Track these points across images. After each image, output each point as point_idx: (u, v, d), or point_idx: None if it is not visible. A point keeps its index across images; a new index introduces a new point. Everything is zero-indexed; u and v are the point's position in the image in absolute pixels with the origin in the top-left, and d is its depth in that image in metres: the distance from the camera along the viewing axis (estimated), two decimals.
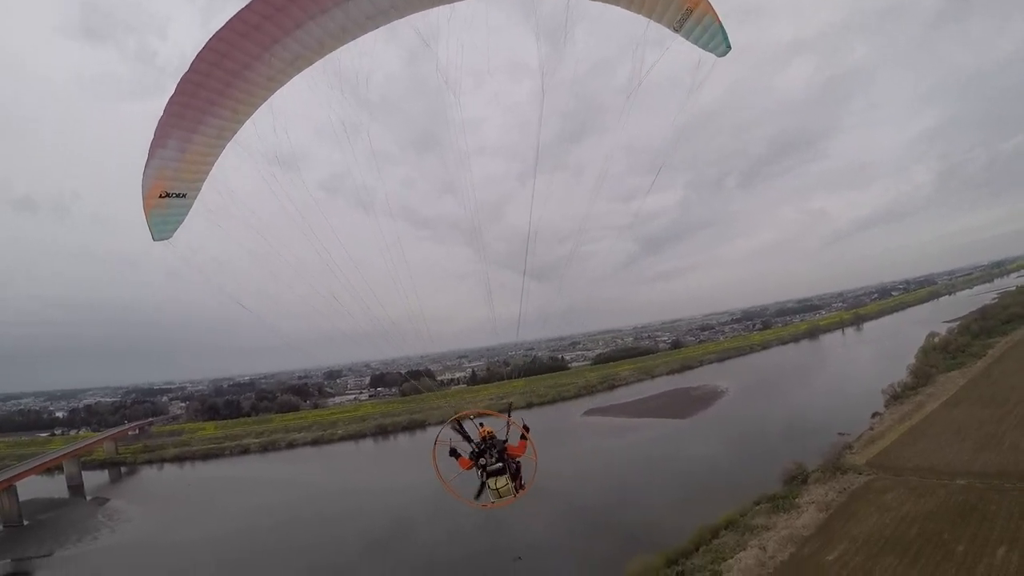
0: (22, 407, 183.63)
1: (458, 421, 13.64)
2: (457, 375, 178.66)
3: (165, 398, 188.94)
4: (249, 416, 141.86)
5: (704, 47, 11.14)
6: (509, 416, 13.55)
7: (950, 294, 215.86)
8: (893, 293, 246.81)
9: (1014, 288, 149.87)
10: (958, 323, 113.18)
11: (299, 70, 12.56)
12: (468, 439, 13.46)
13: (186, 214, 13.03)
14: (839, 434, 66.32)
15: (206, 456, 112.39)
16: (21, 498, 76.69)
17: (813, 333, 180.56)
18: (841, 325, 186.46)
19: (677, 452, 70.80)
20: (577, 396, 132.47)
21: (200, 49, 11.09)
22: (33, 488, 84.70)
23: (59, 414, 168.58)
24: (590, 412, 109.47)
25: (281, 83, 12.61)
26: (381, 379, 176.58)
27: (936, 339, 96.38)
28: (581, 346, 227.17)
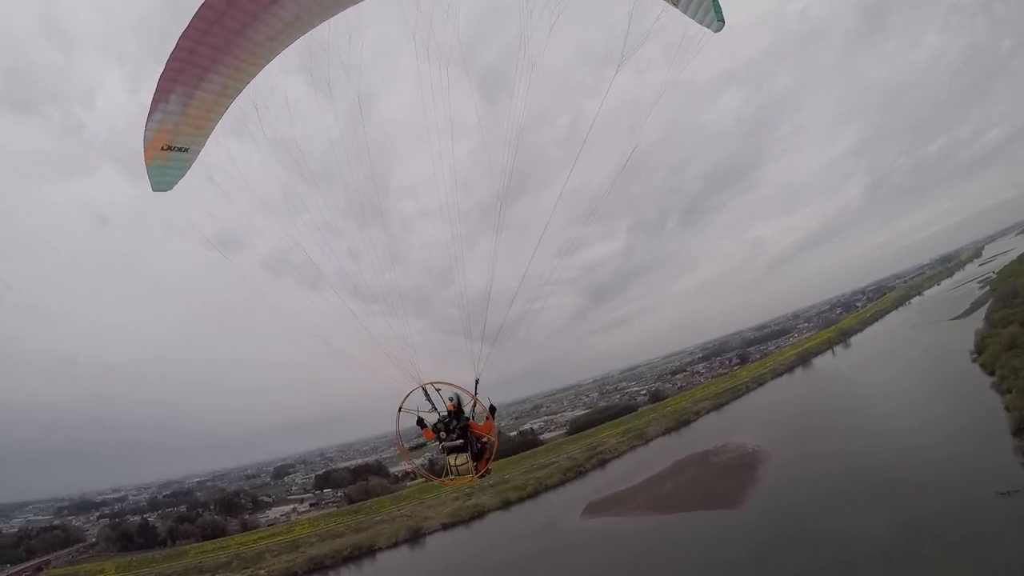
0: None
1: (424, 390, 13.42)
2: (417, 461, 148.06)
3: (96, 514, 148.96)
4: (164, 545, 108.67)
5: (700, 21, 10.93)
6: (476, 393, 13.67)
7: (919, 295, 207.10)
8: (857, 304, 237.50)
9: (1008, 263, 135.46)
10: (985, 315, 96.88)
11: (301, 31, 12.60)
12: (435, 409, 13.59)
13: (188, 167, 13.34)
14: (1001, 494, 43.32)
15: None
16: None
17: (804, 359, 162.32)
18: (829, 345, 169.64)
19: None
20: (563, 482, 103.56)
21: (198, 7, 11.09)
22: None
23: None
24: (591, 511, 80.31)
25: (284, 44, 12.69)
26: (327, 478, 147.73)
27: (993, 337, 77.66)
28: (545, 409, 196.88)
